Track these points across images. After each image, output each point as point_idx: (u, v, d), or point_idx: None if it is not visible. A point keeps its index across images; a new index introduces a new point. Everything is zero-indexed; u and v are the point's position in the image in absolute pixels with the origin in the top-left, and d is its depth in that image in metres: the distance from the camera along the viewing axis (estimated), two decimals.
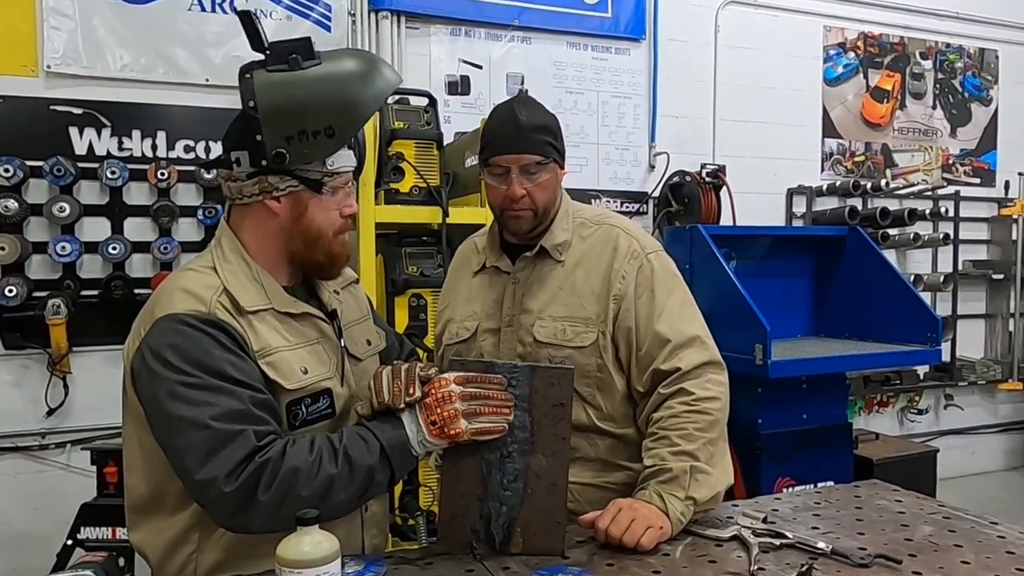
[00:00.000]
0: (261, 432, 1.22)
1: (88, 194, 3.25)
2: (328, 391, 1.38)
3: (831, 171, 4.83)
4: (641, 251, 1.63)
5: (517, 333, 1.62)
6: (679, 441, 1.45)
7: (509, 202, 1.58)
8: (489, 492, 1.31)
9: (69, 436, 3.27)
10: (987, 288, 5.32)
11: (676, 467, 1.42)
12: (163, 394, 1.23)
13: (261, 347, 1.31)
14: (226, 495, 1.18)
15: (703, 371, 1.53)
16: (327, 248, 1.40)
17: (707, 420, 1.48)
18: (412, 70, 3.78)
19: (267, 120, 1.30)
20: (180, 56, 3.39)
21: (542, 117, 1.60)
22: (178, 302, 1.28)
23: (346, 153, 1.37)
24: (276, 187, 1.34)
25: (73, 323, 3.19)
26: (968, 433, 5.27)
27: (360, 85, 1.32)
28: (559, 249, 1.64)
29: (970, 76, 5.24)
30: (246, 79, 1.32)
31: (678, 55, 4.35)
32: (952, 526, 1.45)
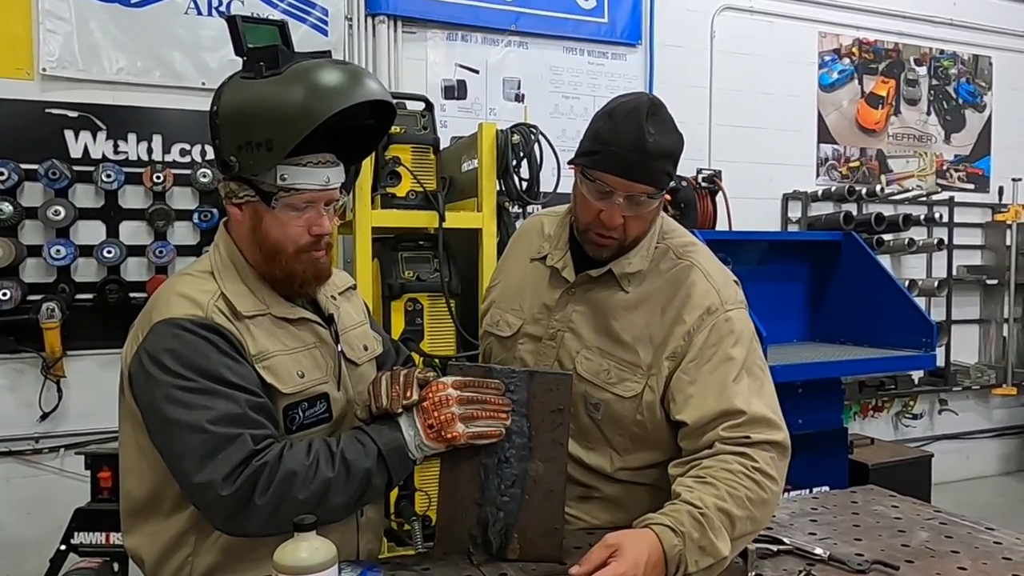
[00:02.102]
0: (258, 436, 1.22)
1: (83, 197, 3.24)
2: (325, 395, 1.38)
3: (826, 176, 4.85)
4: (720, 306, 1.41)
5: (557, 352, 1.50)
6: (728, 500, 1.24)
7: (599, 225, 1.40)
8: (486, 497, 1.31)
9: (63, 440, 3.25)
10: (981, 293, 5.34)
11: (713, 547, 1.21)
12: (160, 398, 1.23)
13: (258, 352, 1.31)
14: (223, 498, 1.18)
15: (771, 449, 1.33)
16: (284, 265, 1.35)
17: (760, 496, 1.27)
18: (408, 74, 3.79)
19: (222, 126, 1.31)
20: (176, 60, 3.38)
21: (670, 140, 1.37)
22: (175, 307, 1.28)
23: (310, 171, 1.31)
24: (236, 194, 1.34)
25: (67, 327, 3.17)
26: (962, 438, 5.29)
27: (304, 100, 1.25)
28: (628, 279, 1.46)
29: (964, 82, 5.27)
30: (223, 84, 1.35)
31: (674, 60, 4.36)
32: (949, 532, 1.45)
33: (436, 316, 2.80)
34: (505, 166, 2.83)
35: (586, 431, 1.47)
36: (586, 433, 1.47)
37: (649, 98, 1.39)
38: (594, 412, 1.45)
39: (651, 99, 1.39)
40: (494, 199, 2.83)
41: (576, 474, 1.49)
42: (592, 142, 1.39)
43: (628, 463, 1.46)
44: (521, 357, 1.55)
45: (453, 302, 2.79)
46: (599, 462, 1.47)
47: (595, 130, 1.40)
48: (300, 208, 1.33)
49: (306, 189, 1.31)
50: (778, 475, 1.32)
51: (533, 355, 1.53)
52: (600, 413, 1.44)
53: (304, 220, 1.34)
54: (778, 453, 1.34)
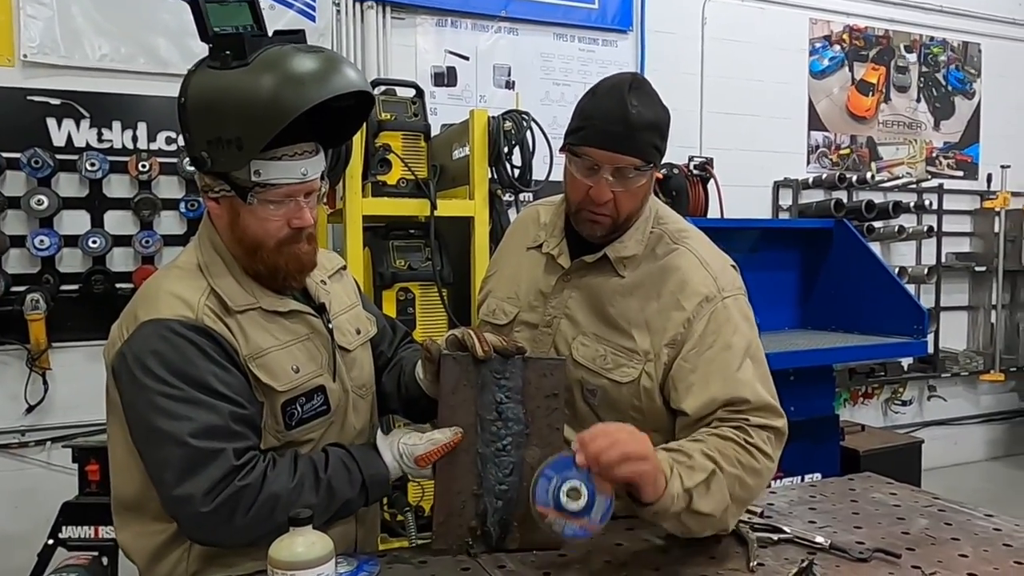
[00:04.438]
0: (239, 449, 1.21)
1: (67, 186, 3.19)
2: (322, 388, 1.36)
3: (817, 164, 4.85)
4: (717, 293, 1.40)
5: (553, 339, 1.49)
6: (715, 452, 1.25)
7: (589, 202, 1.38)
8: (484, 487, 1.29)
9: (49, 433, 3.21)
10: (970, 280, 5.37)
11: (698, 461, 1.23)
12: (143, 404, 1.21)
13: (251, 350, 1.28)
14: (202, 514, 1.17)
15: (769, 431, 1.33)
16: (266, 259, 1.31)
17: (752, 464, 1.28)
18: (398, 61, 3.74)
19: (192, 120, 1.26)
20: (161, 46, 3.32)
21: (655, 112, 1.35)
22: (164, 306, 1.25)
23: (286, 164, 1.25)
24: (212, 188, 1.29)
25: (52, 318, 3.12)
26: (951, 424, 5.33)
27: (274, 96, 1.18)
28: (624, 263, 1.44)
29: (953, 69, 5.27)
30: (189, 72, 1.28)
31: (665, 48, 4.33)
32: (948, 519, 1.45)
33: (428, 305, 2.78)
34: (497, 153, 2.80)
35: (583, 418, 1.46)
36: (583, 420, 1.46)
37: (632, 74, 1.39)
38: (591, 398, 1.44)
39: (634, 75, 1.39)
40: (486, 187, 2.80)
41: None
42: (577, 119, 1.39)
43: None
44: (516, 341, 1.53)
45: (445, 291, 2.76)
46: None
47: (580, 107, 1.40)
48: (278, 202, 1.28)
49: (282, 184, 1.26)
50: (772, 454, 1.32)
51: (529, 342, 1.51)
52: (597, 399, 1.43)
53: (283, 214, 1.29)
54: (776, 437, 1.34)
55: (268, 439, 1.31)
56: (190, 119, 1.26)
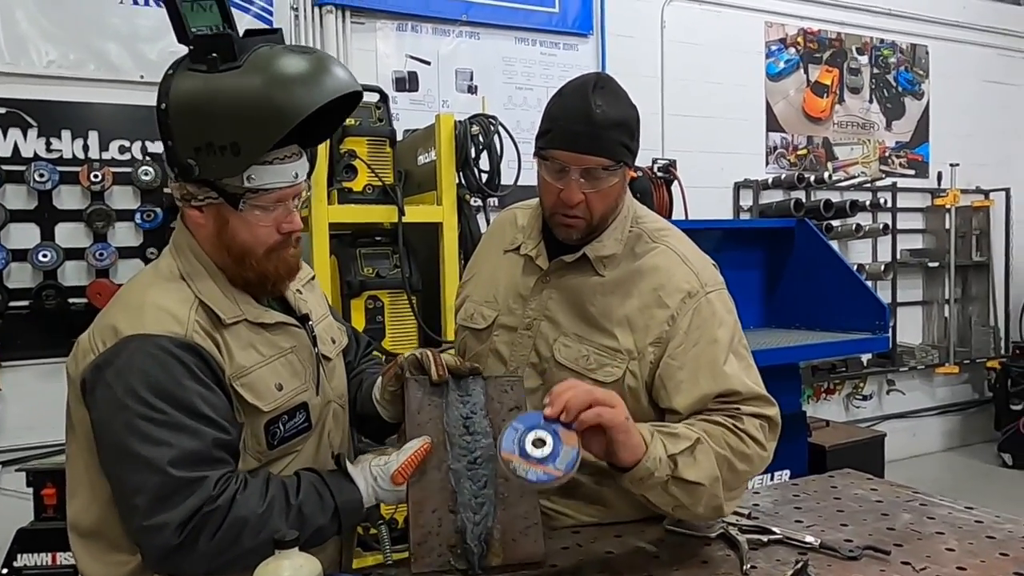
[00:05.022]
0: (217, 477, 1.15)
1: (14, 199, 3.06)
2: (304, 405, 1.31)
3: (775, 164, 4.92)
4: (700, 288, 1.39)
5: (534, 342, 1.46)
6: (699, 431, 1.26)
7: (561, 205, 1.36)
8: (460, 503, 1.25)
9: (0, 457, 3.07)
10: (923, 276, 5.51)
11: (682, 431, 1.24)
12: (120, 425, 1.13)
13: (235, 369, 1.23)
14: (172, 546, 1.10)
15: (764, 421, 1.33)
16: (255, 266, 1.27)
17: (741, 448, 1.28)
18: (358, 66, 3.66)
19: (176, 127, 1.19)
20: (112, 51, 3.21)
21: (621, 110, 1.33)
22: (151, 320, 1.18)
23: (278, 168, 1.22)
24: (195, 196, 1.24)
25: (2, 336, 2.99)
26: (909, 416, 5.46)
27: (273, 99, 1.15)
28: (604, 262, 1.43)
29: (903, 71, 5.41)
30: (167, 75, 1.22)
31: (625, 51, 4.35)
32: (930, 513, 1.46)
33: (397, 313, 2.73)
34: (464, 158, 2.77)
35: None
36: None
37: (597, 74, 1.38)
38: None
39: (599, 75, 1.38)
40: (454, 192, 2.77)
41: None
42: (544, 123, 1.38)
43: None
44: (496, 349, 1.51)
45: (415, 298, 2.72)
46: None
47: (546, 110, 1.38)
48: (269, 208, 1.24)
49: (275, 188, 1.22)
50: (765, 441, 1.31)
51: (508, 346, 1.49)
52: None
53: (273, 219, 1.25)
54: (769, 425, 1.34)
55: (248, 461, 1.25)
56: (173, 125, 1.19)
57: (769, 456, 1.33)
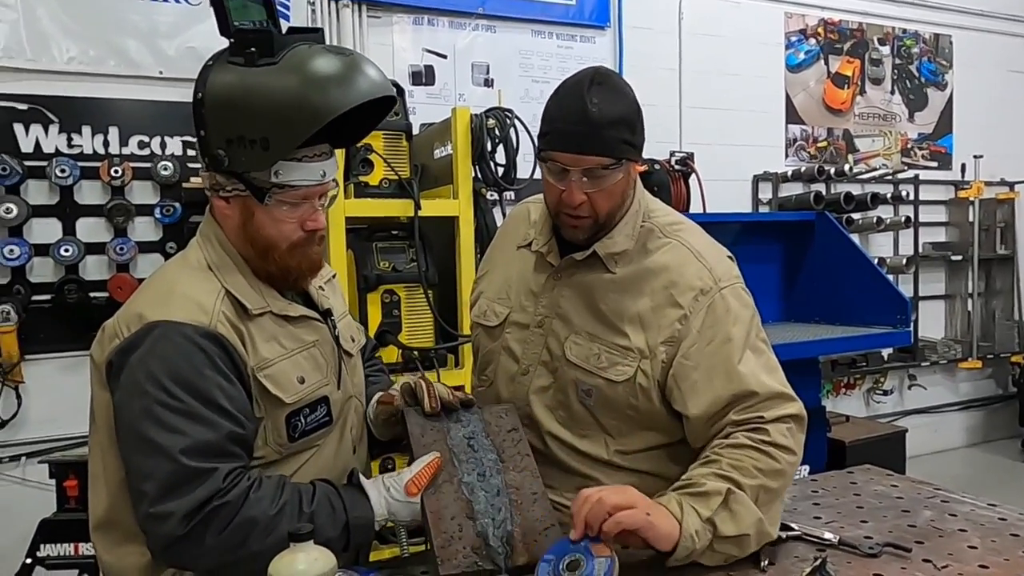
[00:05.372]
0: (228, 470, 1.15)
1: (36, 194, 3.09)
2: (325, 399, 1.32)
3: (795, 157, 4.87)
4: (714, 285, 1.36)
5: (545, 340, 1.45)
6: (729, 469, 1.22)
7: (565, 206, 1.34)
8: (477, 511, 1.26)
9: (24, 449, 3.11)
10: (946, 269, 5.43)
11: (710, 486, 1.20)
12: (138, 409, 1.14)
13: (258, 360, 1.24)
14: (177, 537, 1.11)
15: (788, 421, 1.30)
16: (279, 261, 1.29)
17: (772, 466, 1.24)
18: (374, 59, 3.56)
19: (210, 117, 1.22)
20: (132, 48, 3.23)
21: (618, 106, 1.30)
22: (177, 308, 1.19)
23: (306, 166, 1.23)
24: (223, 187, 1.25)
25: (24, 330, 3.03)
26: (931, 412, 5.39)
27: (307, 98, 1.16)
28: (615, 259, 1.40)
29: (926, 61, 5.33)
30: (206, 66, 1.24)
31: (643, 43, 4.32)
32: (952, 510, 1.44)
33: (414, 307, 2.73)
34: (480, 151, 2.77)
35: (578, 418, 1.43)
36: (579, 420, 1.43)
37: (594, 70, 1.34)
38: (586, 399, 1.40)
39: (597, 70, 1.34)
40: (470, 186, 2.76)
41: (572, 462, 1.44)
42: (543, 124, 1.36)
43: (623, 446, 1.42)
44: (509, 346, 1.50)
45: (431, 292, 2.72)
46: (594, 449, 1.42)
47: (545, 110, 1.36)
48: (294, 204, 1.25)
49: (302, 186, 1.24)
50: (794, 445, 1.28)
51: (520, 343, 1.48)
52: (592, 399, 1.40)
53: (298, 216, 1.27)
54: (795, 424, 1.31)
55: (269, 453, 1.26)
56: (208, 116, 1.21)
57: (800, 456, 1.30)
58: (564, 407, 1.43)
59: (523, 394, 1.47)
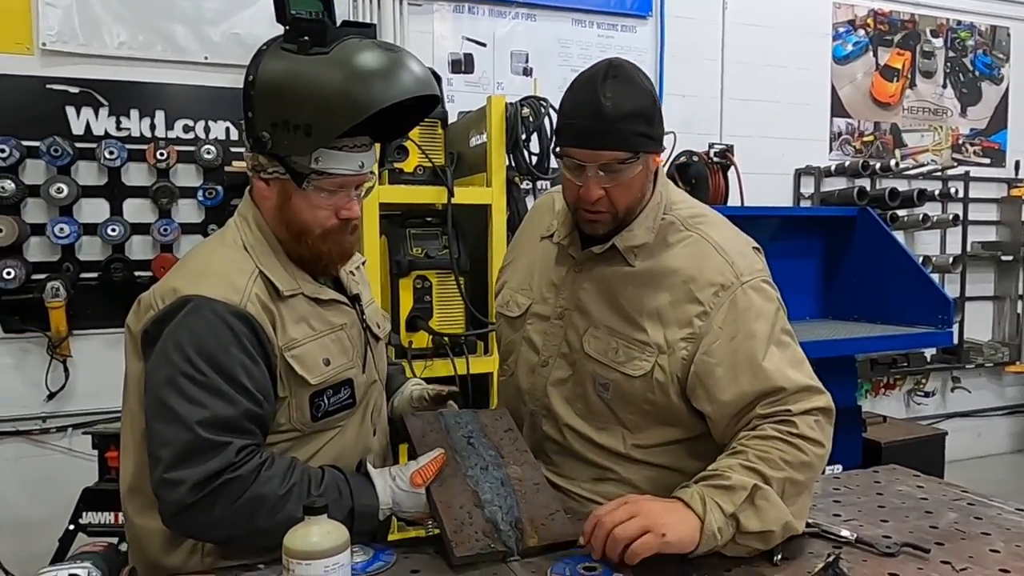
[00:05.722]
0: (243, 445, 1.19)
1: (86, 175, 3.20)
2: (349, 381, 1.36)
3: (839, 151, 4.77)
4: (735, 280, 1.33)
5: (565, 332, 1.46)
6: (756, 461, 1.20)
7: (583, 202, 1.34)
8: (484, 500, 1.30)
9: (70, 420, 3.24)
10: (996, 270, 5.27)
11: (736, 479, 1.18)
12: (163, 377, 1.19)
13: (286, 340, 1.28)
14: (185, 503, 1.15)
15: (816, 414, 1.27)
16: (311, 245, 1.32)
17: (800, 458, 1.22)
18: (414, 48, 3.68)
19: (258, 100, 1.25)
20: (178, 33, 3.31)
21: (633, 98, 1.28)
22: (210, 285, 1.24)
23: (345, 155, 1.27)
24: (265, 168, 1.30)
25: (72, 306, 3.14)
26: (975, 416, 5.24)
27: (351, 91, 1.20)
28: (634, 252, 1.39)
29: (981, 54, 5.16)
30: (260, 51, 1.28)
31: (685, 33, 4.27)
32: (977, 513, 1.41)
33: (445, 294, 2.76)
34: (515, 140, 2.77)
35: (596, 411, 1.43)
36: (596, 413, 1.43)
37: (609, 62, 1.33)
38: (603, 392, 1.41)
39: (611, 62, 1.32)
40: (504, 174, 2.78)
41: (590, 454, 1.45)
42: (558, 120, 1.36)
43: (641, 440, 1.41)
44: (529, 337, 1.52)
45: (462, 279, 2.74)
46: (611, 442, 1.43)
47: (559, 107, 1.36)
48: (331, 191, 1.29)
49: (340, 174, 1.28)
50: (822, 438, 1.26)
51: (541, 335, 1.49)
52: (610, 393, 1.40)
53: (333, 203, 1.30)
54: (824, 417, 1.28)
55: (291, 431, 1.31)
56: (256, 99, 1.25)
57: (828, 449, 1.28)
58: (582, 399, 1.43)
59: (542, 385, 1.48)
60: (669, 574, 1.16)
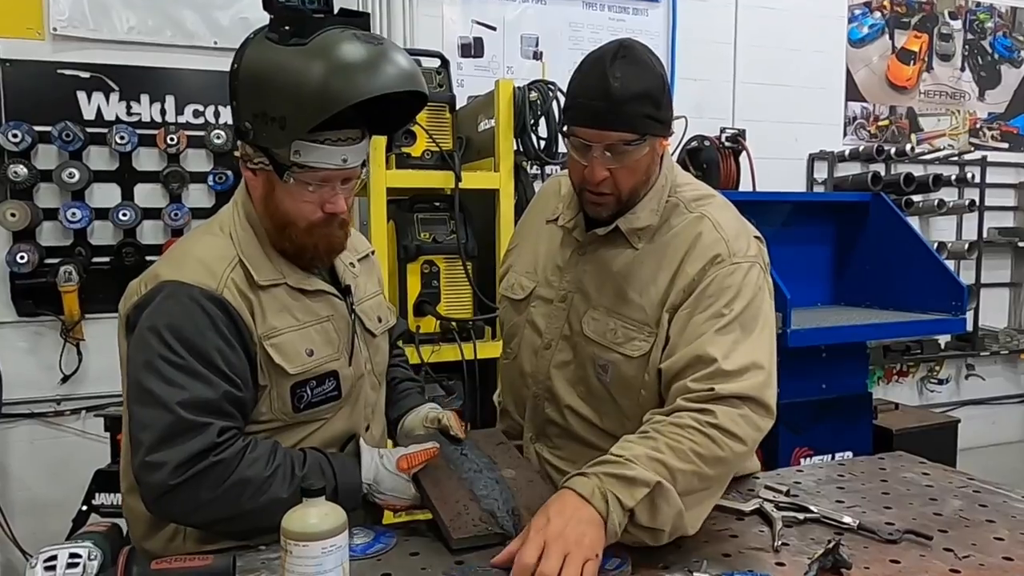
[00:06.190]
0: (224, 427, 1.19)
1: (97, 160, 3.21)
2: (334, 373, 1.35)
3: (854, 136, 4.70)
4: (727, 257, 1.32)
5: (567, 314, 1.46)
6: (665, 451, 1.15)
7: (587, 183, 1.34)
8: (481, 495, 1.30)
9: (83, 403, 3.27)
10: (1012, 256, 5.19)
11: (640, 473, 1.12)
12: (141, 362, 1.20)
13: (266, 329, 1.28)
14: (168, 485, 1.15)
15: (742, 404, 1.22)
16: (296, 239, 1.31)
17: (713, 452, 1.17)
18: (423, 31, 3.68)
19: (240, 89, 1.25)
20: (188, 18, 3.31)
21: (642, 80, 1.27)
22: (188, 270, 1.24)
23: (327, 149, 1.24)
24: (252, 158, 1.29)
25: (85, 290, 3.17)
26: (989, 403, 5.19)
27: (323, 84, 1.16)
28: (637, 234, 1.39)
29: (1001, 37, 5.06)
30: (247, 39, 1.27)
31: (697, 16, 4.21)
32: (983, 500, 1.40)
33: (453, 278, 2.76)
34: (523, 124, 2.76)
35: (596, 394, 1.43)
36: (598, 398, 1.43)
37: (619, 43, 1.33)
38: (602, 374, 1.41)
39: (621, 43, 1.32)
40: (511, 159, 2.76)
41: (591, 437, 1.45)
42: (566, 99, 1.36)
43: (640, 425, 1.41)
44: (533, 320, 1.52)
45: (470, 264, 2.74)
46: (611, 426, 1.43)
47: (568, 86, 1.36)
48: (314, 185, 1.27)
49: (320, 168, 1.25)
50: (743, 433, 1.20)
51: (545, 318, 1.50)
52: (609, 375, 1.40)
53: (318, 197, 1.28)
54: (750, 410, 1.22)
55: (274, 420, 1.31)
56: (239, 88, 1.25)
57: (749, 446, 1.22)
58: (583, 382, 1.44)
59: (545, 368, 1.48)
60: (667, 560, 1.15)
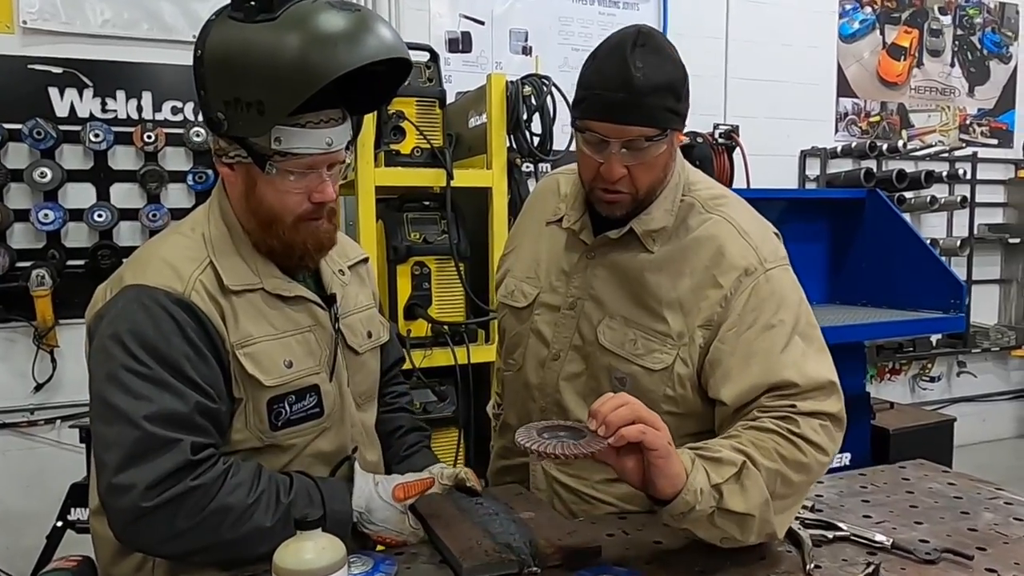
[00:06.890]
0: (198, 444, 1.08)
1: (71, 158, 3.08)
2: (315, 387, 1.24)
3: (845, 132, 4.66)
4: (759, 265, 1.25)
5: (577, 323, 1.35)
6: (749, 446, 1.11)
7: (602, 180, 1.23)
8: (495, 532, 1.19)
9: (58, 412, 3.14)
10: (1002, 252, 5.19)
11: (726, 455, 1.08)
12: (103, 374, 1.09)
13: (239, 336, 1.16)
14: (141, 509, 1.03)
15: (824, 419, 1.17)
16: (282, 235, 1.19)
17: (796, 457, 1.12)
18: (410, 26, 3.58)
19: (207, 76, 1.13)
20: (165, 11, 3.19)
21: (664, 71, 1.18)
22: (153, 272, 1.14)
23: (310, 132, 1.13)
24: (227, 152, 1.17)
25: (59, 294, 3.04)
26: (980, 400, 5.18)
27: (302, 59, 1.05)
28: (653, 237, 1.30)
29: (990, 32, 5.04)
30: (208, 21, 1.15)
31: (689, 10, 4.15)
32: (1016, 513, 1.32)
33: (444, 280, 2.66)
34: (516, 120, 2.66)
35: None
36: None
37: (637, 28, 1.21)
38: (620, 387, 1.31)
39: (639, 29, 1.21)
40: (504, 156, 2.67)
41: None
42: (580, 89, 1.24)
43: None
44: (538, 329, 1.41)
45: (462, 265, 2.64)
46: None
47: (581, 74, 1.24)
48: (299, 173, 1.16)
49: (305, 154, 1.14)
50: (825, 443, 1.15)
51: (551, 326, 1.39)
52: (627, 388, 1.30)
53: (304, 186, 1.17)
54: (832, 423, 1.18)
55: (250, 439, 1.19)
56: (206, 75, 1.13)
57: (831, 459, 1.17)
58: (596, 395, 1.33)
59: (553, 380, 1.39)
60: None
